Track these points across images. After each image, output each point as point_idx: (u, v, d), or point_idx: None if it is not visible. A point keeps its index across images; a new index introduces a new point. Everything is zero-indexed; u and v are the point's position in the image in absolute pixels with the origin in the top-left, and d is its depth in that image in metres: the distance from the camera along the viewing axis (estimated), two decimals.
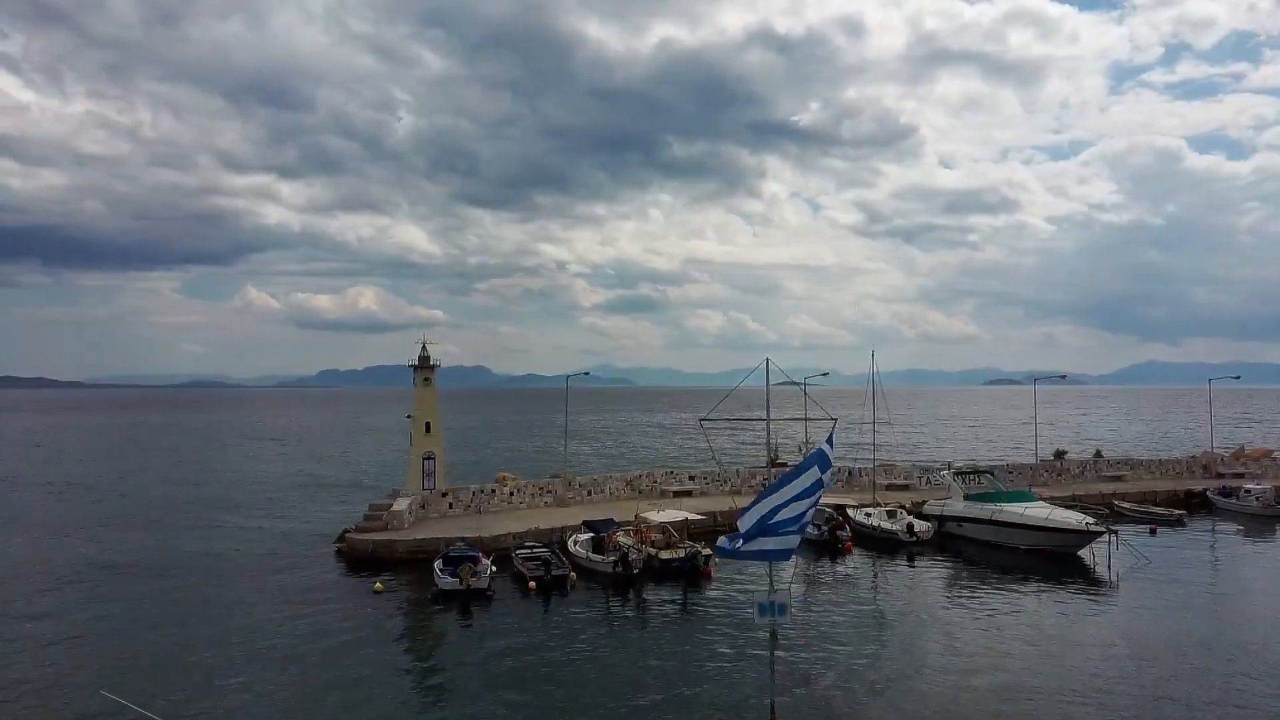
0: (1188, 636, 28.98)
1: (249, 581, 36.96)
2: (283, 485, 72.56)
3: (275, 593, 34.94)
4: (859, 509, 47.47)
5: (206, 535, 48.24)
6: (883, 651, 27.79)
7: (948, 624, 31.15)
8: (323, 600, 33.49)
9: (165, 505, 60.22)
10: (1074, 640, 28.85)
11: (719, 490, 54.44)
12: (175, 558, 42.21)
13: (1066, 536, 40.25)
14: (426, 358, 47.10)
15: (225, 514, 55.32)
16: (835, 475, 56.50)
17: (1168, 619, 31.64)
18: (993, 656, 27.02)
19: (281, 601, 33.37)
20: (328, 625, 30.10)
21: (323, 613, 31.64)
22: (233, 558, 41.98)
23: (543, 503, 49.10)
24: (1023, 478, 60.11)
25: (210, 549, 44.12)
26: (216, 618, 31.33)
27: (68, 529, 50.44)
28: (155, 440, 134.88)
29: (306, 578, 37.53)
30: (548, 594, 34.51)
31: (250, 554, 42.73)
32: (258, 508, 58.92)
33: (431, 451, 46.17)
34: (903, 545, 43.40)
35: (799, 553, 43.82)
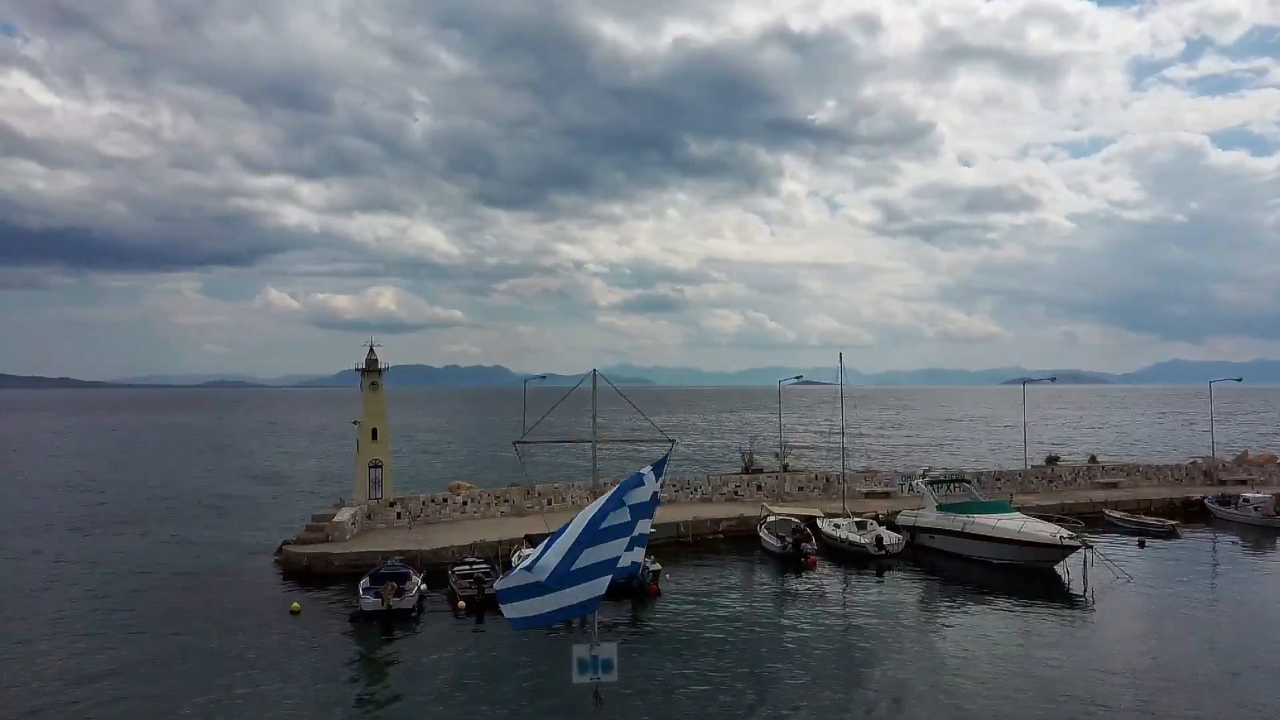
0: (1158, 662, 26.72)
1: (169, 599, 35.06)
2: (249, 489, 70.92)
3: (190, 611, 33.03)
4: (829, 520, 45.16)
5: (145, 545, 46.53)
6: (835, 673, 25.92)
7: (906, 644, 29.21)
8: (232, 621, 31.53)
9: (118, 510, 58.61)
10: (1039, 662, 26.81)
11: (689, 498, 52.23)
12: (106, 569, 40.51)
13: (1039, 550, 37.85)
14: (374, 361, 45.16)
15: (174, 523, 53.55)
16: (766, 486, 54.24)
17: (1139, 642, 29.37)
18: (951, 679, 25.08)
19: (189, 621, 31.48)
20: (226, 649, 28.16)
21: (227, 635, 29.69)
22: (162, 571, 40.14)
23: (499, 513, 47.04)
24: (1012, 485, 57.62)
25: (144, 560, 42.39)
26: (113, 641, 29.49)
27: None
28: (148, 441, 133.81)
29: (232, 594, 35.63)
30: (480, 614, 32.47)
31: (186, 567, 40.90)
32: (215, 514, 57.23)
33: (378, 459, 44.23)
34: (871, 559, 41.07)
35: (762, 565, 42.03)
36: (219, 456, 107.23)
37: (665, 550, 43.55)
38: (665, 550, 43.55)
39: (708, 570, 40.31)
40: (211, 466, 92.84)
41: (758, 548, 43.73)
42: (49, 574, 40.04)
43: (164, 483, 76.61)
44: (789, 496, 53.34)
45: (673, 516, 46.77)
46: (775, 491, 53.49)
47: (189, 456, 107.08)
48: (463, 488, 47.62)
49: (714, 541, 45.67)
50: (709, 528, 46.12)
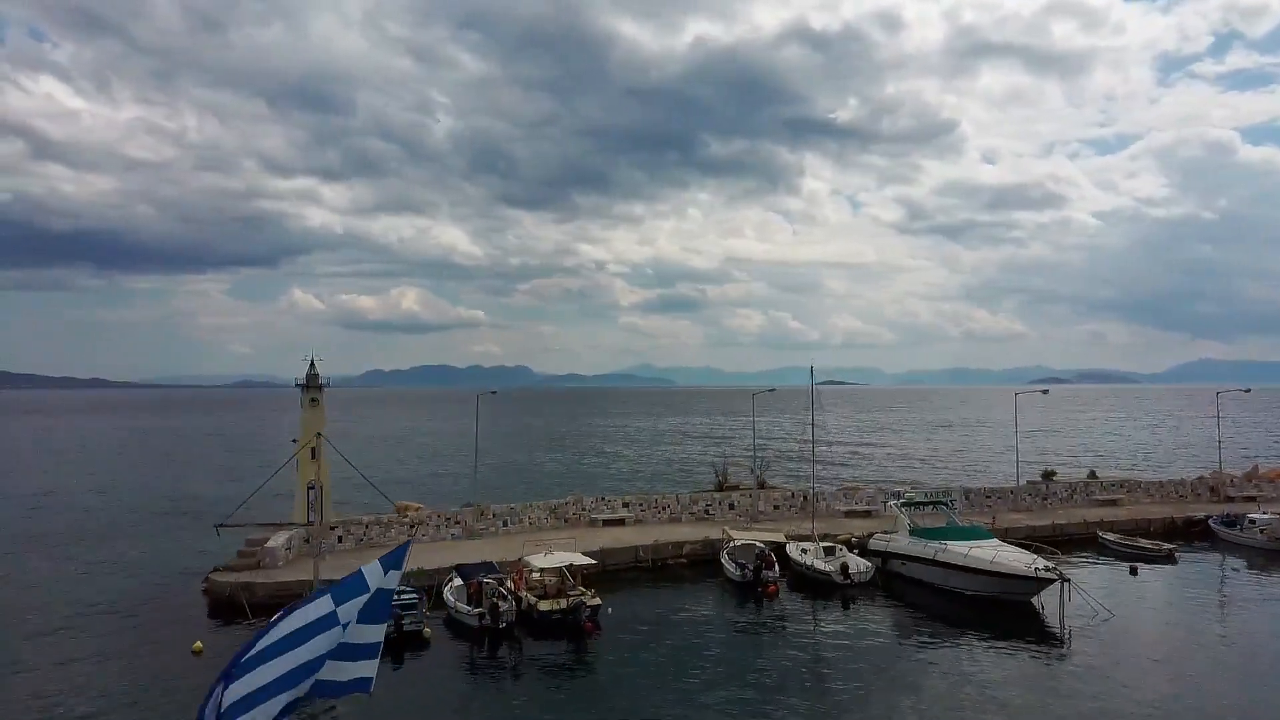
0: (1137, 707, 24.06)
1: (71, 634, 32.90)
2: (214, 501, 68.84)
3: (89, 649, 30.86)
4: (796, 544, 42.43)
5: (77, 566, 44.46)
6: (781, 717, 23.70)
7: (864, 682, 27.00)
8: (128, 662, 29.33)
9: (73, 523, 56.74)
10: (1003, 705, 24.56)
11: (657, 519, 49.63)
12: (29, 593, 38.48)
13: (1012, 582, 34.96)
14: (315, 375, 42.90)
15: (119, 540, 51.46)
16: (758, 507, 51.49)
17: (1115, 684, 26.58)
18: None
19: (81, 661, 29.29)
20: (109, 693, 25.93)
21: (114, 678, 27.49)
22: (79, 597, 37.96)
23: (449, 536, 44.66)
24: (1004, 502, 54.59)
25: (68, 583, 40.32)
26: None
27: None
28: (155, 445, 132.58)
29: (143, 628, 33.48)
30: (397, 653, 30.09)
31: (108, 594, 38.77)
32: (167, 529, 55.26)
33: (316, 480, 41.90)
34: (837, 589, 38.31)
35: (721, 595, 39.35)
36: (205, 462, 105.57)
37: (623, 576, 41.11)
38: (623, 576, 41.11)
39: (662, 600, 37.73)
40: (194, 474, 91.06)
41: (721, 574, 41.12)
42: None
43: (138, 492, 74.89)
44: (764, 516, 50.62)
45: (633, 539, 44.25)
46: (749, 511, 50.78)
47: (178, 462, 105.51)
48: (411, 508, 45.26)
49: (675, 567, 43.05)
50: (670, 552, 43.50)
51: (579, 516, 48.14)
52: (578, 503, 48.86)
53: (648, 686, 27.26)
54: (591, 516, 48.13)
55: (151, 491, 76.85)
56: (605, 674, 28.91)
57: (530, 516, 46.93)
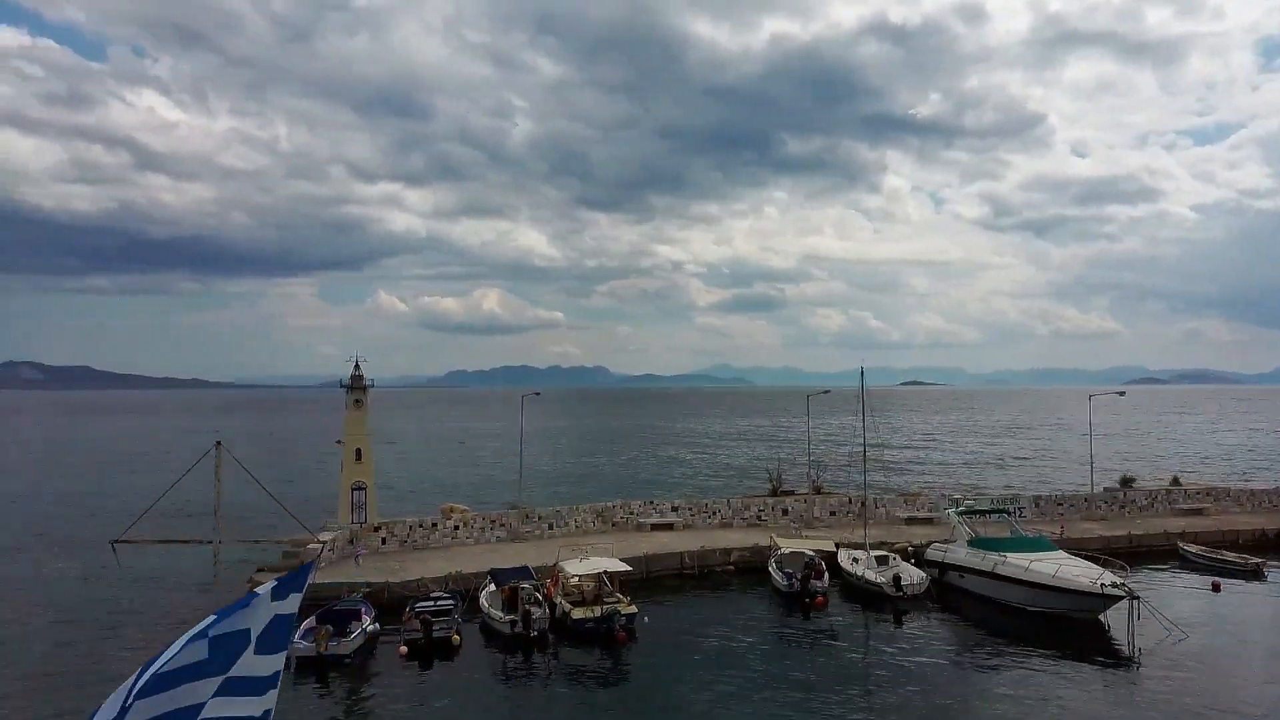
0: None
1: (112, 632, 33.23)
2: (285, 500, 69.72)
3: (123, 648, 31.12)
4: (847, 553, 40.67)
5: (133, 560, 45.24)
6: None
7: (912, 706, 25.32)
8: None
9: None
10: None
11: (707, 524, 48.33)
12: (81, 587, 39.25)
13: (1076, 598, 32.68)
14: (359, 377, 42.88)
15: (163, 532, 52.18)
16: (821, 510, 49.58)
17: (1187, 713, 24.42)
18: None
19: (118, 662, 29.49)
20: None
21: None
22: (127, 595, 38.51)
23: (494, 538, 44.16)
24: (1075, 511, 51.74)
25: (119, 580, 40.95)
26: (54, 668, 27.68)
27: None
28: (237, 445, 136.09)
29: (182, 626, 33.66)
30: (426, 660, 29.57)
31: (152, 594, 39.28)
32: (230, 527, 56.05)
33: (362, 481, 41.92)
34: (888, 600, 36.48)
35: (767, 605, 37.87)
36: (282, 461, 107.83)
37: (666, 584, 39.99)
38: (666, 584, 39.99)
39: (704, 610, 36.48)
40: (267, 473, 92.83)
41: (769, 584, 39.64)
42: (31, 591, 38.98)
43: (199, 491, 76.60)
44: (819, 522, 48.87)
45: (679, 545, 43.04)
46: (803, 518, 49.09)
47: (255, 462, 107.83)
48: (455, 510, 44.92)
49: (722, 575, 41.68)
50: (717, 559, 42.16)
51: (626, 520, 47.17)
52: (624, 506, 47.90)
53: (679, 700, 26.20)
54: (639, 521, 47.12)
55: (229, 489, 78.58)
56: (636, 686, 27.91)
57: (576, 520, 46.15)
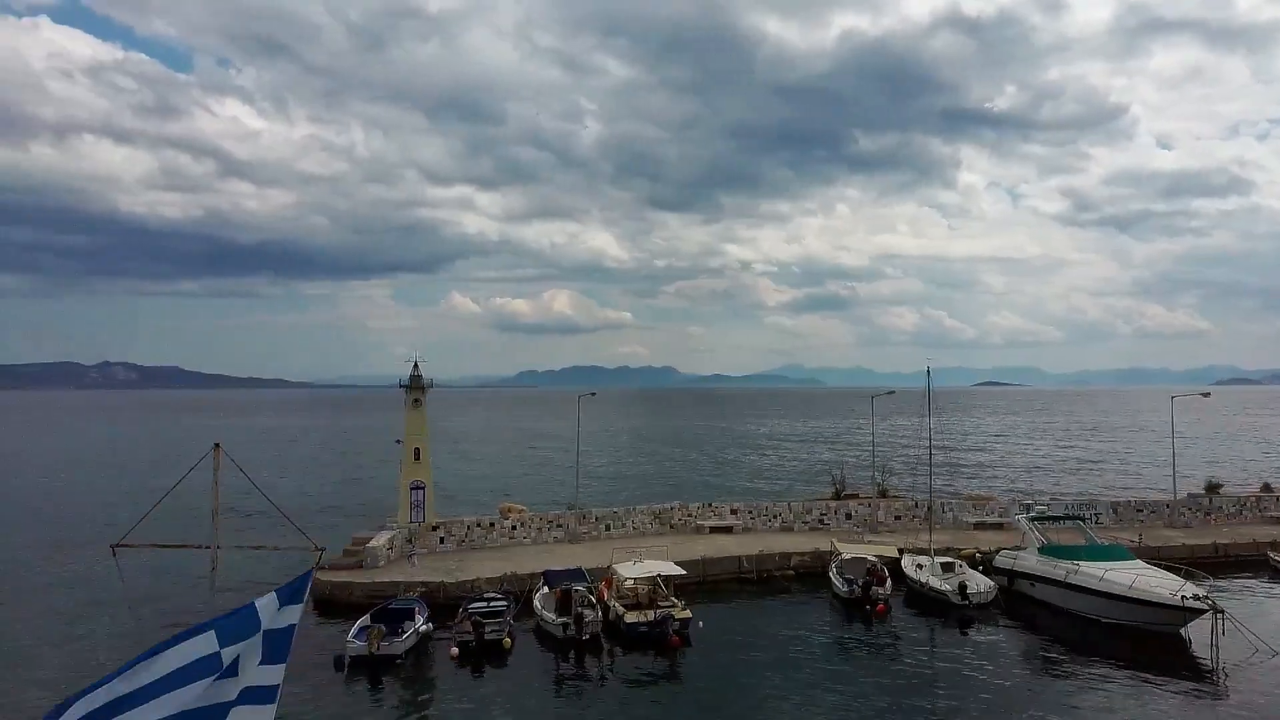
0: None
1: (164, 622, 33.82)
2: (349, 498, 70.98)
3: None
4: (911, 559, 39.40)
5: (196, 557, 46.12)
6: None
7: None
8: None
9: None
10: None
11: (767, 527, 47.41)
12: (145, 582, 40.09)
13: (1154, 611, 30.99)
14: (418, 377, 43.10)
15: (249, 533, 53.26)
16: (891, 513, 48.17)
17: None
18: None
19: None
20: None
21: None
22: (189, 589, 39.16)
23: (551, 539, 43.98)
24: (1157, 518, 49.39)
25: (182, 576, 41.72)
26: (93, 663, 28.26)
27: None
28: (323, 443, 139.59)
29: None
30: (478, 662, 29.41)
31: (223, 584, 39.97)
32: (298, 524, 57.03)
33: (420, 480, 42.12)
34: (954, 609, 35.16)
35: (827, 612, 36.87)
36: (347, 459, 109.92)
37: (723, 588, 39.28)
38: (723, 588, 39.28)
39: (761, 615, 35.68)
40: (332, 471, 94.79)
41: (830, 589, 38.62)
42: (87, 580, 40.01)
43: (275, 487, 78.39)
44: (883, 527, 47.55)
45: (737, 548, 42.26)
46: (867, 522, 47.81)
47: (321, 460, 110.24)
48: (513, 510, 44.87)
49: (781, 580, 40.76)
50: (776, 563, 41.26)
51: (684, 523, 46.56)
52: (683, 508, 47.28)
53: (733, 706, 25.61)
54: (697, 523, 46.46)
55: (289, 487, 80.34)
56: (689, 692, 27.34)
57: (633, 521, 45.71)
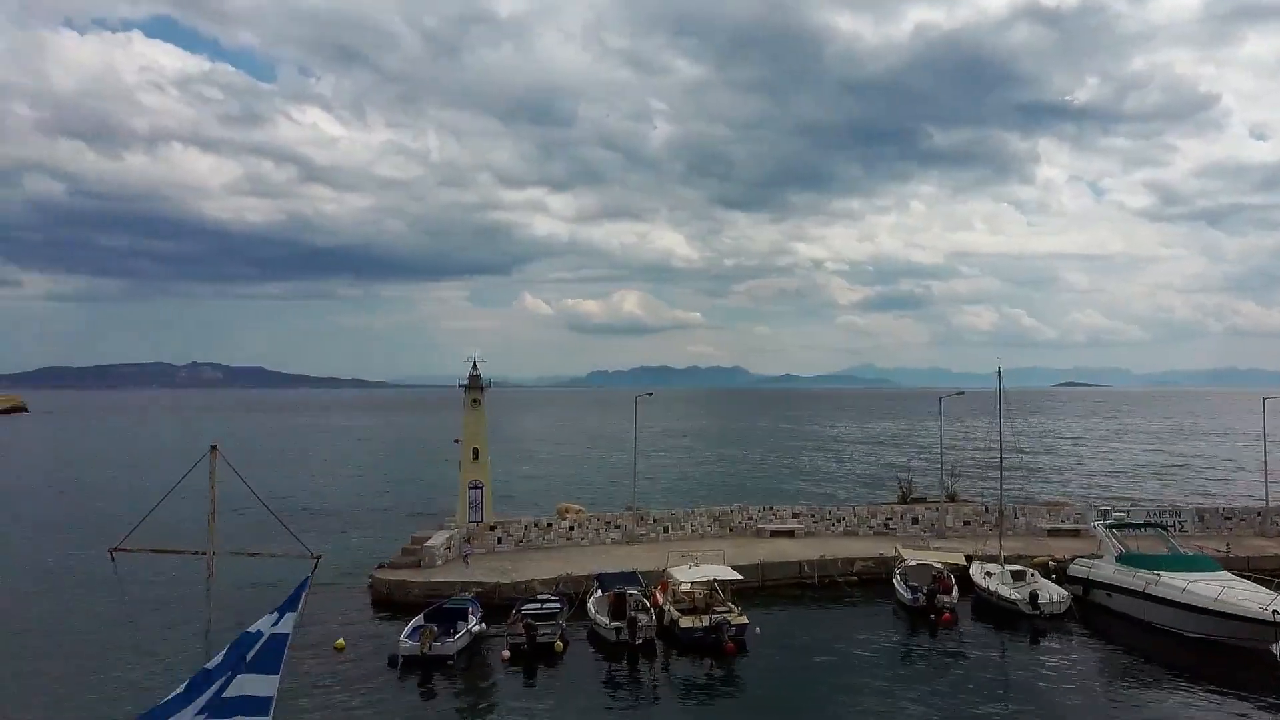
0: None
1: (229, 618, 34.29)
2: (419, 497, 71.73)
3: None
4: (980, 566, 37.92)
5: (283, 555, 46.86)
6: None
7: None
8: None
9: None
10: None
11: (830, 531, 46.26)
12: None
13: (1241, 625, 29.14)
14: (477, 376, 43.18)
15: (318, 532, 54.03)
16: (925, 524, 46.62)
17: None
18: None
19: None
20: None
21: None
22: (253, 584, 39.77)
23: (608, 540, 43.62)
24: (1247, 526, 46.80)
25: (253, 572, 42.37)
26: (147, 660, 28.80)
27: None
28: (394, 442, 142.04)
29: (297, 623, 34.52)
30: (529, 665, 29.13)
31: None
32: (369, 522, 57.89)
33: (479, 480, 42.18)
34: (1024, 619, 33.67)
35: (889, 620, 35.66)
36: (421, 458, 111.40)
37: (783, 593, 38.37)
38: (783, 593, 38.37)
39: (821, 622, 34.74)
40: (406, 470, 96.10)
41: (894, 597, 37.41)
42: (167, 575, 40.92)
43: (358, 483, 79.82)
44: (951, 532, 45.99)
45: (798, 553, 41.28)
46: (934, 527, 46.31)
47: (398, 457, 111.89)
48: (571, 510, 44.63)
49: (843, 586, 39.62)
50: (838, 569, 40.16)
51: (745, 526, 45.74)
52: (743, 511, 46.45)
53: (787, 717, 24.79)
54: (758, 526, 45.59)
55: (367, 485, 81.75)
56: (745, 700, 26.68)
57: (692, 524, 45.07)
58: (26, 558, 47.89)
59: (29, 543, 52.51)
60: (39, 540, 53.03)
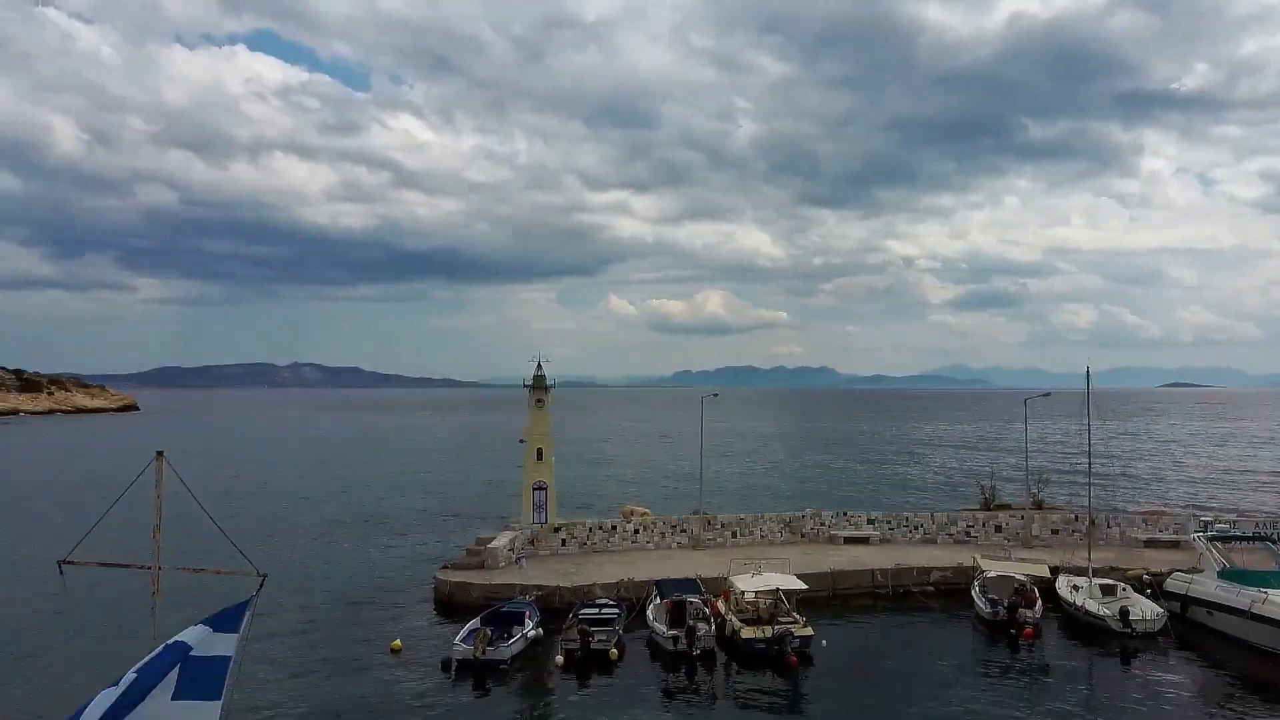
0: None
1: (298, 616, 34.49)
2: (494, 497, 71.98)
3: (303, 632, 32.24)
4: (1068, 579, 35.63)
5: (341, 552, 47.45)
6: None
7: None
8: (336, 650, 30.11)
9: (306, 511, 61.38)
10: None
11: (907, 539, 44.31)
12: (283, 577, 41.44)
13: None
14: (541, 376, 42.71)
15: (384, 534, 54.55)
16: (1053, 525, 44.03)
17: None
18: None
19: (296, 646, 30.50)
20: (293, 681, 26.54)
21: (316, 667, 28.18)
22: (323, 581, 40.18)
23: (674, 544, 42.62)
24: None
25: (323, 568, 42.93)
26: None
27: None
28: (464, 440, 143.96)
29: (362, 618, 34.56)
30: (583, 673, 28.38)
31: (353, 579, 40.92)
32: (443, 521, 58.24)
33: (543, 481, 41.69)
34: (1114, 638, 31.40)
35: (966, 634, 33.71)
36: (497, 457, 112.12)
37: (854, 604, 36.77)
38: (854, 604, 36.77)
39: (893, 635, 33.05)
40: (481, 469, 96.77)
41: (973, 609, 35.42)
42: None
43: (432, 482, 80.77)
44: (1037, 541, 43.55)
45: (871, 561, 39.55)
46: (1020, 535, 43.93)
47: (474, 456, 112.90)
48: (636, 512, 43.79)
49: (920, 597, 37.78)
50: (914, 578, 38.32)
51: (816, 532, 44.17)
52: (816, 516, 44.86)
53: None
54: (830, 533, 43.96)
55: (443, 483, 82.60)
56: (805, 716, 25.43)
57: (761, 529, 43.73)
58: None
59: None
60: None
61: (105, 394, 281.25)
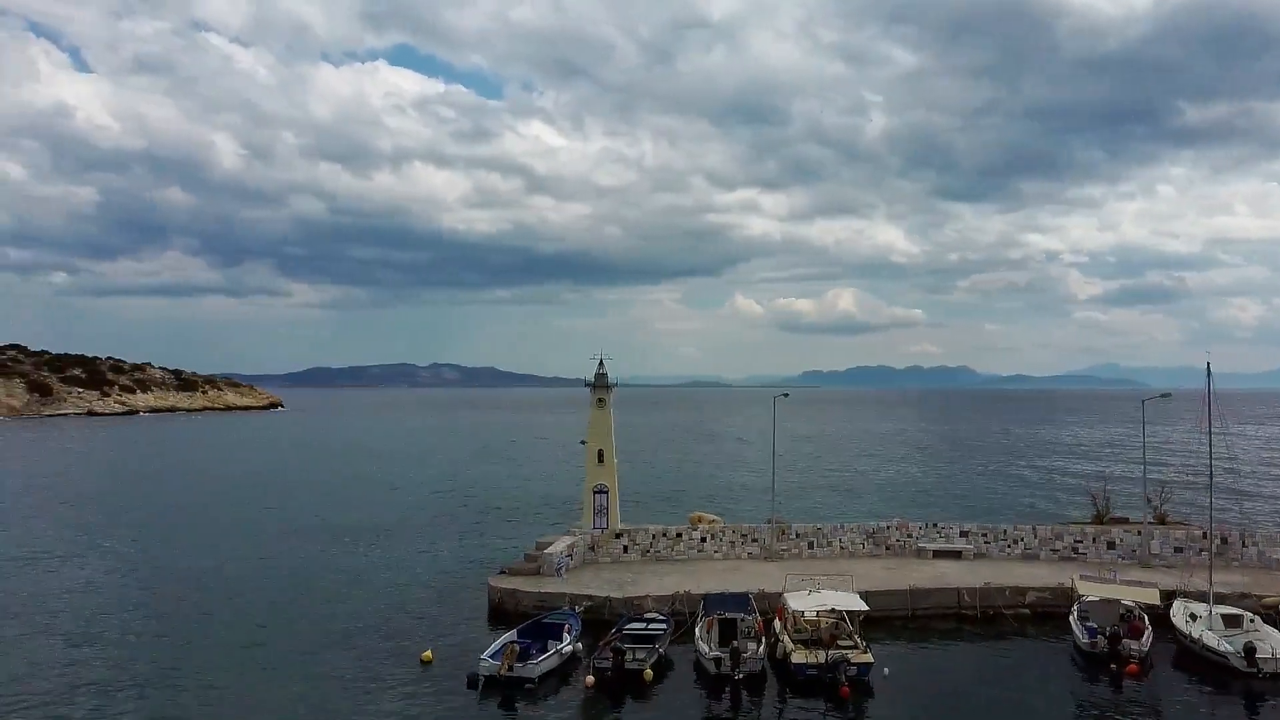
0: None
1: (340, 621, 33.68)
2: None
3: (350, 636, 31.41)
4: (1185, 606, 31.09)
5: (408, 554, 46.84)
6: None
7: None
8: (369, 659, 29.04)
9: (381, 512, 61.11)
10: None
11: (1004, 554, 40.13)
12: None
13: None
14: (603, 375, 40.84)
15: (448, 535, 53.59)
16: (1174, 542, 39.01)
17: None
18: None
19: (333, 648, 29.61)
20: (324, 690, 25.55)
21: (333, 685, 27.13)
22: (374, 587, 39.39)
23: (745, 554, 39.91)
24: None
25: (385, 571, 42.27)
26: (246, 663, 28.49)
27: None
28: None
29: (403, 624, 33.41)
30: (615, 696, 26.28)
31: (407, 582, 40.13)
32: (508, 524, 57.35)
33: (604, 484, 39.79)
34: (1237, 677, 26.97)
35: (1062, 666, 29.74)
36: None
37: (934, 626, 33.24)
38: (934, 626, 33.24)
39: (975, 665, 29.56)
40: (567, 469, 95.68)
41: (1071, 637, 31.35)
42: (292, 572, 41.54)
43: (518, 482, 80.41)
44: (1157, 561, 38.66)
45: (958, 578, 35.81)
46: (1136, 553, 39.11)
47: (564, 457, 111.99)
48: (704, 519, 41.32)
49: (1013, 620, 33.85)
50: (1006, 599, 34.39)
51: (902, 544, 40.54)
52: (902, 527, 41.21)
53: None
54: (918, 545, 40.27)
55: (529, 484, 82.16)
56: None
57: (841, 540, 40.45)
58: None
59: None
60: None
61: (254, 393, 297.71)
